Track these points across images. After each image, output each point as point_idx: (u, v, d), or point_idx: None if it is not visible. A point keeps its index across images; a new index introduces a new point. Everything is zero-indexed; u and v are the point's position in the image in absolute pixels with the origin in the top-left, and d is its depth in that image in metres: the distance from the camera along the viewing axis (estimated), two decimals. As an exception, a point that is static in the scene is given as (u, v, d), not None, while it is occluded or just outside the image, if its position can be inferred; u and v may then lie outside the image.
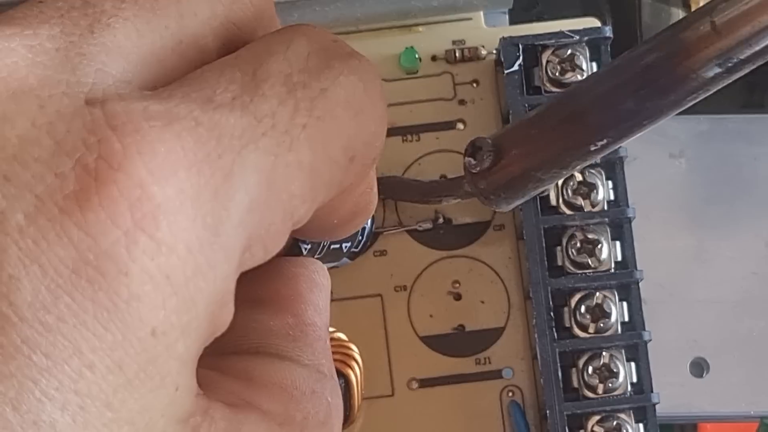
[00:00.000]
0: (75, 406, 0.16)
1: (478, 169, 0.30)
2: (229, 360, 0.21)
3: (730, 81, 0.25)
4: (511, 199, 0.31)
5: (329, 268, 0.35)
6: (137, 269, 0.17)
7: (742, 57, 0.25)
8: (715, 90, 0.26)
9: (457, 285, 0.37)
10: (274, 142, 0.18)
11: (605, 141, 0.28)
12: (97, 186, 0.17)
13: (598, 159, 0.35)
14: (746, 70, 0.25)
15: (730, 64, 0.25)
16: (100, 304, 0.16)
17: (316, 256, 0.31)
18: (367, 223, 0.35)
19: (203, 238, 0.17)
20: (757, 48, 0.24)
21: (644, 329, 0.35)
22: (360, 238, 0.35)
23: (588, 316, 0.34)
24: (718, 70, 0.25)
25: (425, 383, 0.36)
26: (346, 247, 0.33)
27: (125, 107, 0.17)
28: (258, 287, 0.22)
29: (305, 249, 0.29)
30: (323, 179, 0.20)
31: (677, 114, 0.40)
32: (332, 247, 0.31)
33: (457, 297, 0.37)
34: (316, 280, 0.23)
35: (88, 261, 0.16)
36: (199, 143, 0.18)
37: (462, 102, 0.37)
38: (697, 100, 0.26)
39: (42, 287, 0.16)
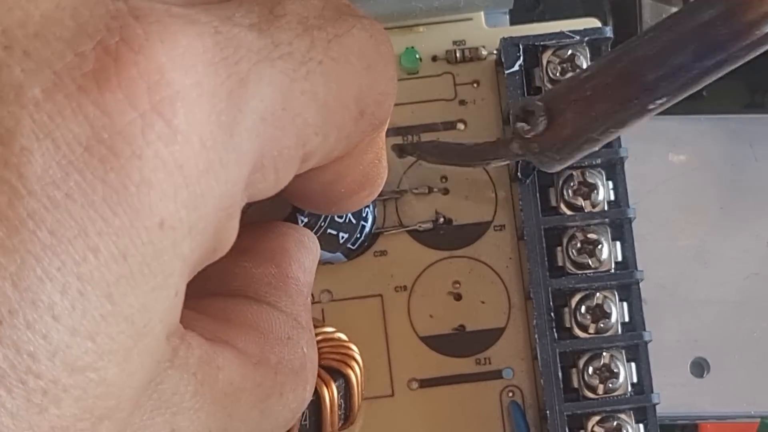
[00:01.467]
0: (75, 291, 0.16)
1: (532, 134, 0.29)
2: (208, 300, 0.21)
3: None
4: (565, 160, 0.30)
5: (324, 263, 0.36)
6: (151, 153, 0.16)
7: None
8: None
9: (458, 285, 0.37)
10: (291, 67, 0.19)
11: (663, 99, 0.27)
12: (116, 66, 0.16)
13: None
14: None
15: None
16: (111, 186, 0.16)
17: None
18: (367, 223, 0.35)
19: (217, 135, 0.17)
20: None
21: (644, 329, 0.35)
22: (358, 236, 0.35)
23: (588, 317, 0.34)
24: None
25: (425, 383, 0.36)
26: (343, 237, 0.33)
27: (149, 3, 0.17)
28: (247, 238, 0.22)
29: (302, 221, 0.29)
30: (335, 120, 0.20)
31: (677, 114, 0.40)
32: (329, 231, 0.31)
33: (458, 297, 0.37)
34: (305, 242, 0.23)
35: (101, 140, 0.16)
36: (217, 46, 0.18)
37: (462, 102, 0.37)
38: (757, 54, 0.26)
39: (53, 162, 0.16)
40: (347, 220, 0.33)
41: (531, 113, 0.29)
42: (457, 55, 0.37)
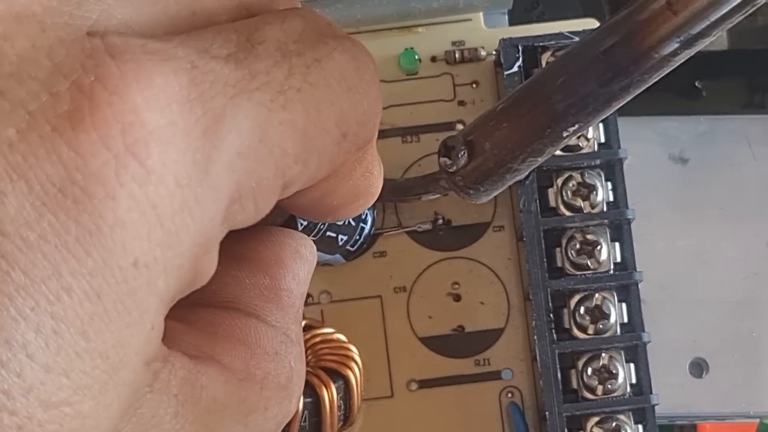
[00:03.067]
0: (49, 329, 0.16)
1: (454, 168, 0.30)
2: (196, 312, 0.21)
3: (691, 54, 0.26)
4: (490, 191, 0.31)
5: (322, 265, 0.36)
6: (125, 194, 0.17)
7: (697, 31, 0.25)
8: (676, 65, 0.26)
9: (457, 286, 0.37)
10: (269, 97, 0.19)
11: (576, 126, 0.28)
12: (91, 107, 0.17)
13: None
14: (706, 42, 0.25)
15: (687, 39, 0.25)
16: (84, 227, 0.16)
17: (311, 237, 0.31)
18: (366, 225, 0.35)
19: (192, 173, 0.17)
20: (712, 20, 0.25)
21: (643, 330, 0.35)
22: (357, 237, 0.35)
23: (587, 318, 0.34)
24: (676, 45, 0.25)
25: (425, 384, 0.36)
26: (342, 239, 0.33)
27: (125, 40, 0.17)
28: (241, 246, 0.22)
29: (301, 224, 0.29)
30: (316, 146, 0.20)
31: (676, 114, 0.40)
32: (328, 233, 0.31)
33: (457, 298, 0.37)
34: (301, 252, 0.23)
35: (75, 181, 0.16)
36: (193, 83, 0.18)
37: (462, 103, 0.37)
38: (661, 76, 0.26)
39: (27, 203, 0.16)
40: (346, 223, 0.33)
41: (452, 148, 0.30)
42: (456, 55, 0.37)
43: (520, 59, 0.35)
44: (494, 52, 0.37)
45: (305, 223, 0.30)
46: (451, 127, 0.37)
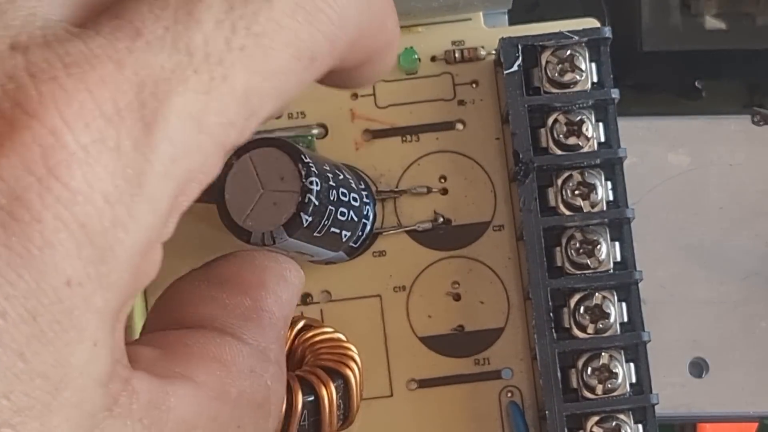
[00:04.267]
0: None
1: None
2: (168, 335, 0.21)
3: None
4: None
5: (326, 263, 0.36)
6: (50, 216, 0.17)
7: None
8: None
9: (457, 285, 0.37)
10: (206, 77, 0.18)
11: None
12: (11, 131, 0.17)
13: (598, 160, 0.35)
14: None
15: None
16: (14, 250, 0.16)
17: (315, 234, 0.31)
18: (368, 221, 0.35)
19: (123, 189, 0.17)
20: None
21: (643, 330, 0.35)
22: (360, 234, 0.35)
23: (587, 317, 0.34)
24: None
25: (424, 384, 0.36)
26: (345, 236, 0.33)
27: (46, 55, 0.17)
28: (224, 270, 0.22)
29: (306, 220, 0.29)
30: (266, 93, 0.19)
31: (677, 114, 0.40)
32: (332, 230, 0.31)
33: (457, 297, 0.37)
34: (285, 275, 0.23)
35: (1, 206, 0.16)
36: (119, 92, 0.17)
37: (461, 102, 0.37)
38: None
39: None
40: (349, 218, 0.33)
41: None
42: (456, 55, 0.37)
43: (520, 58, 0.35)
44: (494, 52, 0.37)
45: (310, 219, 0.30)
46: (451, 127, 0.37)
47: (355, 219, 0.34)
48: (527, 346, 0.36)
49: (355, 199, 0.33)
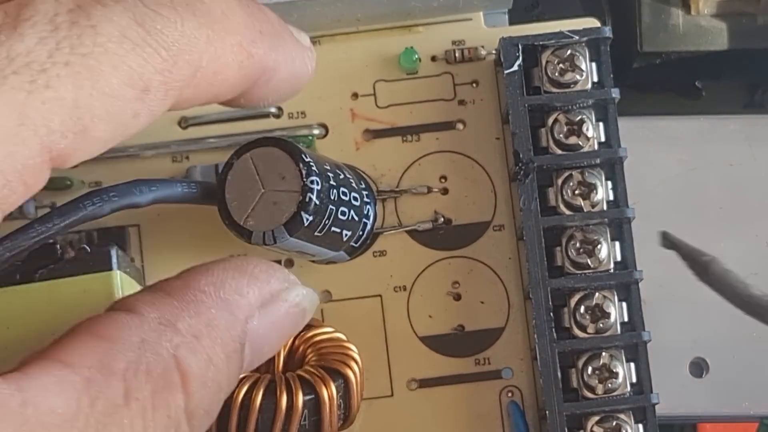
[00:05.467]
0: None
1: None
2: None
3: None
4: None
5: (327, 263, 0.36)
6: None
7: None
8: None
9: (457, 285, 0.37)
10: (27, 79, 0.19)
11: None
12: None
13: (598, 160, 0.35)
14: None
15: None
16: None
17: (316, 233, 0.31)
18: (368, 221, 0.35)
19: None
20: None
21: (644, 329, 0.35)
22: (360, 233, 0.35)
23: (587, 317, 0.34)
24: None
25: (425, 383, 0.36)
26: (346, 235, 0.33)
27: None
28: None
29: (307, 220, 0.29)
30: (98, 113, 0.20)
31: (677, 114, 0.40)
32: (332, 229, 0.31)
33: (457, 297, 0.37)
34: (243, 266, 0.24)
35: None
36: None
37: (462, 102, 0.37)
38: None
39: None
40: (350, 218, 0.33)
41: None
42: (456, 55, 0.37)
43: (521, 58, 0.35)
44: (494, 52, 0.37)
45: (311, 218, 0.30)
46: (451, 126, 0.37)
47: (356, 218, 0.34)
48: (527, 346, 0.36)
49: (356, 199, 0.33)
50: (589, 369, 0.34)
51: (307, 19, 0.36)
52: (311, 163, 0.31)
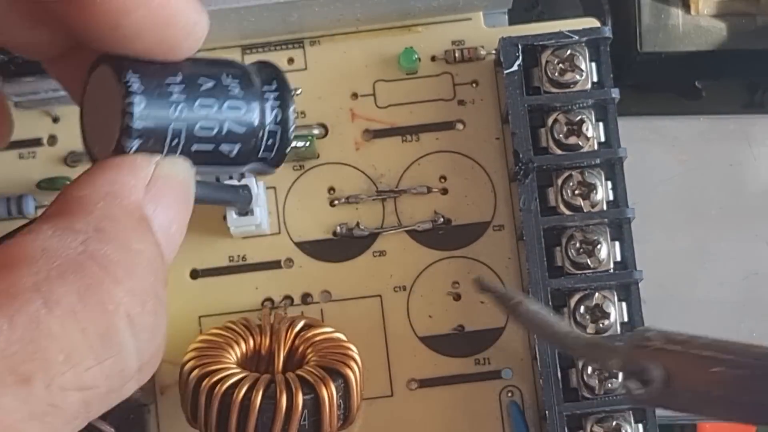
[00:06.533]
0: None
1: (640, 392, 0.27)
2: None
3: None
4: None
5: (258, 174, 0.33)
6: None
7: None
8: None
9: (457, 285, 0.37)
10: None
11: None
12: None
13: (597, 159, 0.35)
14: None
15: None
16: None
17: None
18: (272, 128, 0.28)
19: None
20: None
21: (644, 329, 0.35)
22: (269, 142, 0.28)
23: (587, 317, 0.34)
24: None
25: (425, 383, 0.36)
26: (232, 150, 0.25)
27: None
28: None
29: (131, 147, 0.24)
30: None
31: (677, 114, 0.40)
32: (196, 147, 0.26)
33: (457, 297, 0.37)
34: (105, 165, 0.23)
35: None
36: None
37: (461, 102, 0.37)
38: None
39: None
40: (225, 131, 0.27)
41: (647, 382, 0.26)
42: (456, 55, 0.37)
43: (520, 58, 0.35)
44: (494, 52, 0.37)
45: (138, 143, 0.25)
46: (450, 126, 0.37)
47: (239, 130, 0.27)
48: (527, 346, 0.36)
49: (233, 108, 0.27)
50: (589, 369, 0.34)
51: (308, 19, 0.36)
52: (132, 80, 0.25)
